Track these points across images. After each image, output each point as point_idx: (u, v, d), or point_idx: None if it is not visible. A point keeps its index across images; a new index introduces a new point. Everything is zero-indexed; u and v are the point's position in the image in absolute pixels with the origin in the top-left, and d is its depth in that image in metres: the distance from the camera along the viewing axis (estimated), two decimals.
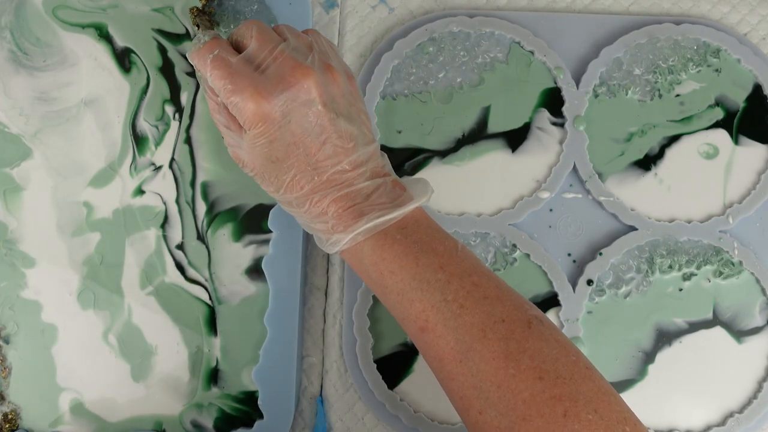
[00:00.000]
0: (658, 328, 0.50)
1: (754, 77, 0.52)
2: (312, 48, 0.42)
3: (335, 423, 0.51)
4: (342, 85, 0.42)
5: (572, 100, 0.52)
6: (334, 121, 0.41)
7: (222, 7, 0.53)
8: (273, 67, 0.40)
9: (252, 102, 0.40)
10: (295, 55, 0.41)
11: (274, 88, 0.40)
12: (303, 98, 0.40)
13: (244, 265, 0.51)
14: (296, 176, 0.41)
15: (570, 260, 0.51)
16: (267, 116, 0.40)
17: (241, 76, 0.40)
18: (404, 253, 0.41)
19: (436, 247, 0.41)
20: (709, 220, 0.51)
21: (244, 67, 0.40)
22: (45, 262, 0.52)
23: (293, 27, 0.44)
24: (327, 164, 0.41)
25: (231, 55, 0.41)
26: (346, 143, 0.41)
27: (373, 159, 0.43)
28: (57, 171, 0.52)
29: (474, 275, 0.40)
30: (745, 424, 0.49)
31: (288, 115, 0.40)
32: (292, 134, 0.41)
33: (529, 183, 0.52)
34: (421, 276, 0.40)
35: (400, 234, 0.41)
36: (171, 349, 0.51)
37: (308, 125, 0.40)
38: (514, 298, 0.40)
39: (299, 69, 0.40)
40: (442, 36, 0.53)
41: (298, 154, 0.41)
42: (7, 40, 0.53)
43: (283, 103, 0.40)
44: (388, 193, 0.42)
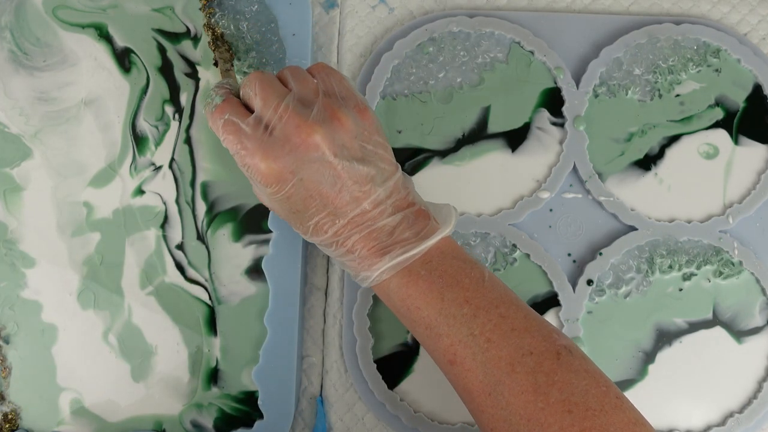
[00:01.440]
0: (658, 328, 0.50)
1: (754, 77, 0.52)
2: (317, 92, 0.42)
3: (335, 423, 0.51)
4: (351, 128, 0.41)
5: (572, 100, 0.52)
6: (347, 168, 0.41)
7: (222, 7, 0.53)
8: (279, 127, 0.40)
9: (262, 165, 0.40)
10: (299, 108, 0.41)
11: (281, 150, 0.40)
12: (312, 155, 0.40)
13: (244, 265, 0.51)
14: (319, 222, 0.42)
15: (570, 260, 0.51)
16: (278, 177, 0.41)
17: (250, 140, 0.41)
18: (429, 289, 0.41)
19: (462, 279, 0.41)
20: (709, 220, 0.51)
21: (253, 129, 0.41)
22: (45, 262, 0.52)
23: (299, 69, 0.44)
24: (347, 209, 0.41)
25: (241, 117, 0.42)
26: (363, 186, 0.41)
27: (394, 193, 0.42)
28: (57, 171, 0.52)
29: (501, 306, 0.40)
30: (745, 424, 0.49)
31: (299, 173, 0.40)
32: (306, 189, 0.41)
33: (529, 183, 0.52)
34: (447, 311, 0.40)
35: (425, 269, 0.41)
36: (171, 349, 0.51)
37: (321, 178, 0.41)
38: (542, 328, 0.40)
39: (304, 128, 0.40)
40: (442, 36, 0.53)
41: (316, 204, 0.41)
42: (7, 40, 0.53)
43: (293, 164, 0.40)
44: (411, 226, 0.42)
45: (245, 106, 0.43)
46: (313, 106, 0.41)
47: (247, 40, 0.53)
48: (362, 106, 0.43)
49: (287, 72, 0.43)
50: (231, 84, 0.45)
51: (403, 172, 0.44)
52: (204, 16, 0.53)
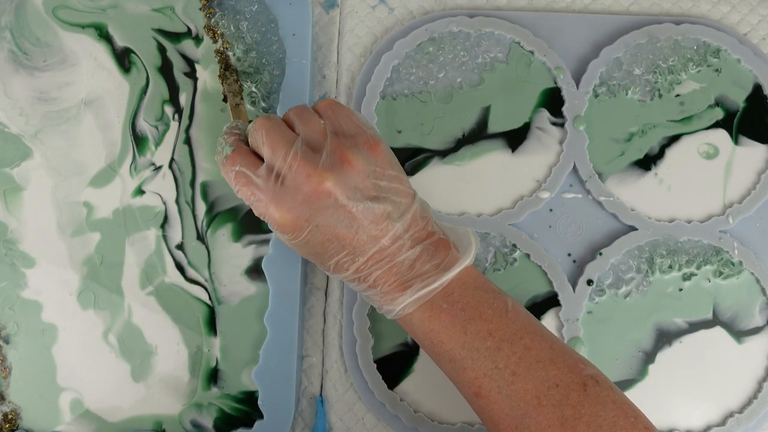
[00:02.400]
0: (658, 328, 0.50)
1: (754, 77, 0.52)
2: (325, 134, 0.42)
3: (335, 423, 0.51)
4: (362, 168, 0.41)
5: (572, 100, 0.52)
6: (362, 210, 0.40)
7: (222, 7, 0.53)
8: (289, 176, 0.40)
9: (277, 215, 0.41)
10: (308, 155, 0.41)
11: (293, 200, 0.40)
12: (325, 203, 0.40)
13: (243, 265, 0.51)
14: (339, 262, 0.42)
15: (570, 260, 0.51)
16: (294, 226, 0.41)
17: (262, 191, 0.41)
18: (451, 322, 0.41)
19: (484, 311, 0.41)
20: (709, 220, 0.51)
21: (265, 180, 0.41)
22: (45, 262, 0.52)
23: (305, 109, 0.43)
24: (366, 248, 0.41)
25: (252, 167, 0.42)
26: (380, 224, 0.41)
27: (412, 225, 0.42)
28: (57, 171, 0.52)
29: (525, 338, 0.40)
30: (745, 424, 0.49)
31: (314, 220, 0.40)
32: (323, 234, 0.41)
33: (529, 183, 0.52)
34: (470, 344, 0.40)
35: (447, 302, 0.41)
36: (171, 349, 0.51)
37: (337, 222, 0.40)
38: (567, 358, 0.40)
39: (314, 176, 0.40)
40: (442, 36, 0.53)
41: (335, 246, 0.41)
42: (7, 40, 0.53)
43: (306, 212, 0.40)
44: (431, 258, 0.41)
45: (255, 152, 0.43)
46: (321, 149, 0.41)
47: (247, 40, 0.53)
48: (372, 141, 0.42)
49: (293, 114, 0.43)
50: (240, 127, 0.45)
51: (420, 199, 0.43)
52: (204, 16, 0.53)
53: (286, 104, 0.51)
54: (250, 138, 0.43)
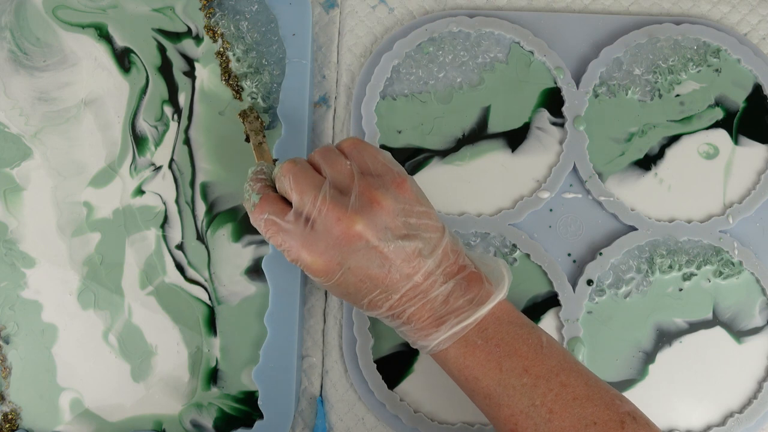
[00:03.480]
0: (658, 328, 0.50)
1: (754, 77, 0.52)
2: (352, 175, 0.41)
3: (335, 423, 0.51)
4: (392, 208, 0.41)
5: (572, 100, 0.52)
6: (393, 249, 0.40)
7: (222, 7, 0.53)
8: (319, 221, 0.40)
9: (308, 259, 0.41)
10: (336, 197, 0.40)
11: (324, 244, 0.40)
12: (356, 245, 0.40)
13: (243, 265, 0.51)
14: (372, 301, 0.42)
15: (570, 260, 0.51)
16: (325, 270, 0.41)
17: (292, 237, 0.41)
18: (486, 359, 0.41)
19: (519, 347, 0.41)
20: (709, 220, 0.51)
21: (294, 225, 0.41)
22: (45, 262, 0.52)
23: (330, 150, 0.43)
24: (398, 285, 0.41)
25: (281, 214, 0.42)
26: (412, 261, 0.41)
27: (444, 261, 0.41)
28: (57, 171, 0.52)
29: (561, 374, 0.40)
30: (745, 424, 0.49)
31: (346, 263, 0.40)
32: (355, 275, 0.41)
33: (529, 183, 0.52)
34: (506, 381, 0.40)
35: (481, 338, 0.41)
36: (171, 349, 0.51)
37: (369, 263, 0.40)
38: (604, 395, 0.40)
39: (344, 220, 0.40)
40: (442, 36, 0.53)
41: (367, 287, 0.41)
42: (7, 40, 0.53)
43: (338, 256, 0.40)
44: (464, 293, 0.41)
45: (283, 197, 0.43)
46: (350, 191, 0.41)
47: (247, 40, 0.53)
48: (399, 179, 0.42)
49: (318, 157, 0.43)
50: (265, 171, 0.45)
51: (449, 232, 0.43)
52: (204, 16, 0.53)
53: (286, 104, 0.51)
54: (278, 183, 0.43)
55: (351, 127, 0.53)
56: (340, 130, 0.54)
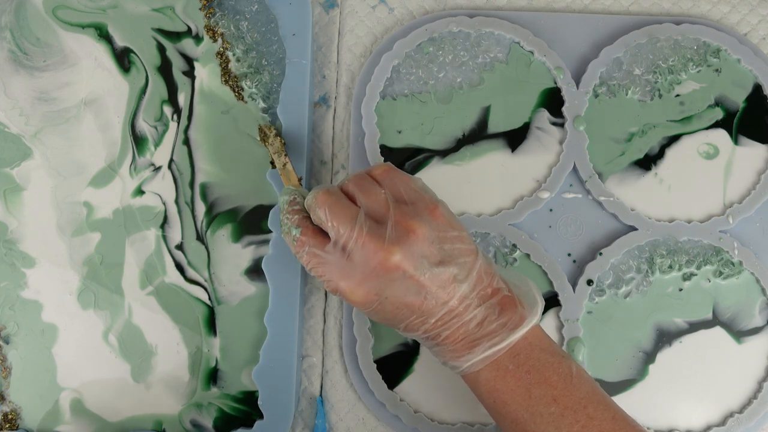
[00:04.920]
0: (658, 328, 0.50)
1: (754, 77, 0.52)
2: (387, 204, 0.42)
3: (335, 423, 0.51)
4: (427, 236, 0.41)
5: (572, 100, 0.52)
6: (429, 277, 0.41)
7: (222, 7, 0.53)
8: (357, 252, 0.41)
9: (347, 290, 0.41)
10: (373, 228, 0.41)
11: (362, 275, 0.41)
12: (392, 275, 0.40)
13: (243, 265, 0.51)
14: (408, 325, 0.42)
15: (570, 260, 0.51)
16: (364, 301, 0.41)
17: (332, 269, 0.42)
18: (516, 385, 0.41)
19: (550, 376, 0.41)
20: (709, 220, 0.51)
21: (334, 256, 0.42)
22: (45, 262, 0.52)
23: (363, 178, 0.43)
24: (435, 311, 0.41)
25: (321, 246, 0.42)
26: (447, 287, 0.41)
27: (478, 284, 0.42)
28: (57, 171, 0.52)
29: (589, 407, 0.40)
30: (745, 424, 0.49)
31: (383, 293, 0.41)
32: (392, 305, 0.41)
33: (529, 183, 0.52)
34: (534, 409, 0.40)
35: (513, 363, 0.41)
36: (171, 349, 0.51)
37: (405, 291, 0.41)
38: (629, 430, 0.40)
39: (381, 252, 0.40)
40: (442, 36, 0.53)
41: (403, 313, 0.42)
42: (7, 40, 0.53)
43: (376, 286, 0.41)
44: (498, 317, 0.41)
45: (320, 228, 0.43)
46: (385, 220, 0.41)
47: (247, 40, 0.53)
48: (432, 205, 0.43)
49: (352, 186, 0.43)
50: (298, 200, 0.45)
51: (482, 254, 0.43)
52: (204, 16, 0.53)
53: (286, 104, 0.51)
54: (313, 215, 0.43)
55: (351, 127, 0.53)
56: (340, 130, 0.54)
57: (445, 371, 0.50)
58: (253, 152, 0.52)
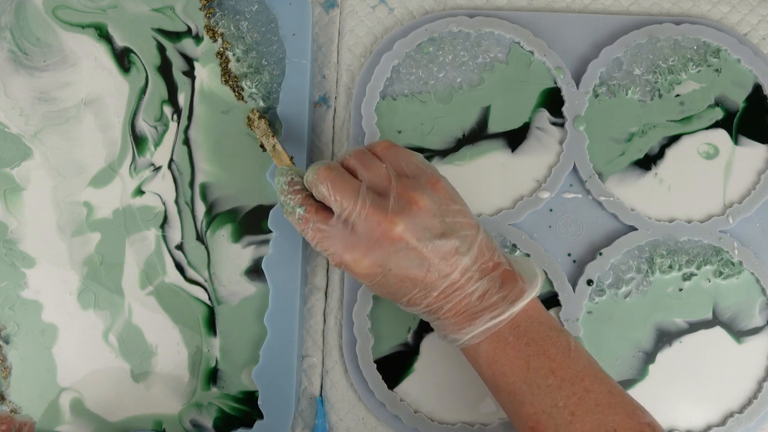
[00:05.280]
0: (658, 328, 0.50)
1: (754, 77, 0.52)
2: (389, 178, 0.42)
3: (336, 423, 0.51)
4: (429, 207, 0.42)
5: (572, 100, 0.52)
6: (432, 249, 0.41)
7: (222, 7, 0.53)
8: (360, 225, 0.41)
9: (351, 262, 0.42)
10: (376, 201, 0.41)
11: (366, 247, 0.41)
12: (396, 247, 0.41)
13: (243, 265, 0.51)
14: (411, 299, 0.43)
15: (570, 260, 0.51)
16: (368, 273, 0.42)
17: (337, 241, 0.42)
18: (516, 356, 0.41)
19: (548, 348, 0.41)
20: (709, 220, 0.51)
21: (337, 230, 0.42)
22: (45, 262, 0.52)
23: (364, 153, 0.44)
24: (437, 284, 0.41)
25: (325, 221, 0.43)
26: (449, 259, 0.41)
27: (479, 258, 0.42)
28: (57, 171, 0.52)
29: (586, 380, 0.41)
30: (745, 424, 0.49)
31: (387, 265, 0.41)
32: (395, 276, 0.41)
33: (529, 183, 0.52)
34: (532, 380, 0.41)
35: (513, 335, 0.42)
36: (171, 349, 0.51)
37: (409, 263, 0.41)
38: (626, 404, 0.40)
39: (384, 222, 0.41)
40: (442, 36, 0.53)
41: (406, 286, 0.42)
42: (7, 40, 0.53)
43: (380, 258, 0.41)
44: (499, 290, 0.42)
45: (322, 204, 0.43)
46: (387, 193, 0.42)
47: (247, 40, 0.53)
48: (434, 179, 0.43)
49: (354, 161, 0.43)
50: (296, 179, 0.45)
51: (483, 229, 0.43)
52: (204, 16, 0.53)
53: (286, 104, 0.51)
54: (315, 191, 0.43)
55: (351, 127, 0.53)
56: (340, 130, 0.54)
57: (445, 371, 0.50)
58: (253, 152, 0.52)
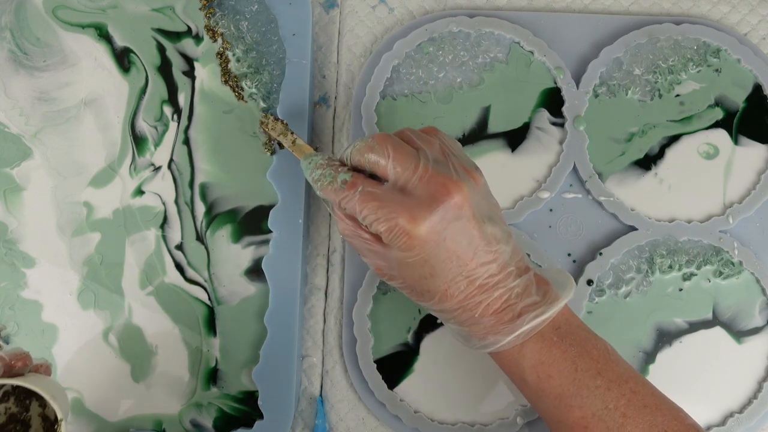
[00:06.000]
0: (659, 328, 0.50)
1: (754, 77, 0.52)
2: (445, 153, 0.41)
3: (336, 423, 0.51)
4: (483, 187, 0.41)
5: (572, 100, 0.52)
6: (481, 229, 0.40)
7: (222, 7, 0.53)
8: (421, 187, 0.39)
9: (408, 226, 0.39)
10: (437, 167, 0.40)
11: (428, 209, 0.39)
12: (457, 213, 0.39)
13: (243, 266, 0.51)
14: (449, 288, 0.40)
15: (570, 260, 0.51)
16: (425, 238, 0.39)
17: (392, 204, 0.39)
18: (562, 357, 0.40)
19: (591, 350, 0.41)
20: (709, 220, 0.51)
21: (393, 194, 0.40)
22: (45, 262, 0.52)
23: (413, 130, 0.43)
24: (479, 272, 0.40)
25: (375, 185, 0.40)
26: (494, 246, 0.40)
27: (515, 254, 0.41)
28: (57, 171, 0.52)
29: (630, 381, 0.40)
30: (745, 424, 0.49)
31: (444, 233, 0.39)
32: (446, 250, 0.39)
33: (529, 183, 0.52)
34: (580, 382, 0.40)
35: (556, 335, 0.41)
36: (171, 349, 0.51)
37: (461, 238, 0.39)
38: (669, 405, 0.40)
39: (450, 185, 0.39)
40: (442, 36, 0.53)
41: (451, 267, 0.40)
42: (7, 40, 0.53)
43: (439, 223, 0.39)
44: (536, 291, 0.41)
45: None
46: (446, 165, 0.40)
47: (247, 40, 0.53)
48: (477, 170, 0.42)
49: (407, 133, 0.42)
50: (331, 156, 0.44)
51: None
52: (204, 16, 0.53)
53: (286, 104, 0.51)
54: (365, 158, 0.41)
55: (351, 127, 0.53)
56: (340, 130, 0.54)
57: (444, 371, 0.50)
58: (253, 152, 0.52)
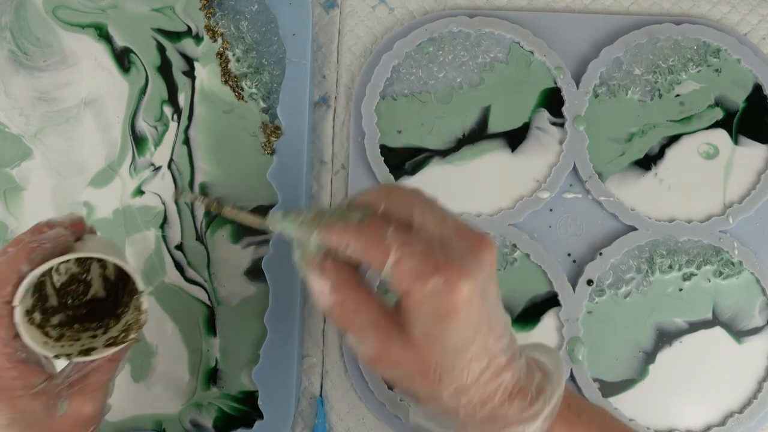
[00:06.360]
0: (659, 328, 0.50)
1: (754, 77, 0.52)
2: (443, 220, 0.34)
3: (335, 423, 0.51)
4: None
5: (572, 100, 0.52)
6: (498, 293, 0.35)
7: (222, 7, 0.53)
8: (456, 241, 0.33)
9: (460, 282, 0.32)
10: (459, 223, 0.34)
11: (471, 263, 0.32)
12: (490, 271, 0.33)
13: (243, 266, 0.51)
14: (471, 367, 0.34)
15: (570, 260, 0.51)
16: (471, 298, 0.32)
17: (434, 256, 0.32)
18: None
19: (607, 423, 0.39)
20: (709, 220, 0.51)
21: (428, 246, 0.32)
22: None
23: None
24: (497, 346, 0.34)
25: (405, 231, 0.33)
26: (503, 314, 0.35)
27: (513, 336, 0.36)
28: (57, 171, 0.52)
29: None
30: (745, 424, 0.49)
31: (484, 293, 0.33)
32: (480, 314, 0.33)
33: (529, 183, 0.52)
34: None
35: (573, 413, 0.37)
36: (171, 349, 0.51)
37: (490, 303, 0.34)
38: None
39: (484, 238, 0.33)
40: (442, 36, 0.53)
41: (478, 338, 0.33)
42: (7, 40, 0.53)
43: (483, 280, 0.33)
44: (537, 368, 0.36)
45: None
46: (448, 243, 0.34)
47: (247, 40, 0.53)
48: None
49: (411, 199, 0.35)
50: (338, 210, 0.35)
51: None
52: (204, 16, 0.53)
53: (286, 104, 0.51)
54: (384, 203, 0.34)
55: (351, 127, 0.53)
56: (340, 130, 0.54)
57: None
58: (253, 152, 0.52)
